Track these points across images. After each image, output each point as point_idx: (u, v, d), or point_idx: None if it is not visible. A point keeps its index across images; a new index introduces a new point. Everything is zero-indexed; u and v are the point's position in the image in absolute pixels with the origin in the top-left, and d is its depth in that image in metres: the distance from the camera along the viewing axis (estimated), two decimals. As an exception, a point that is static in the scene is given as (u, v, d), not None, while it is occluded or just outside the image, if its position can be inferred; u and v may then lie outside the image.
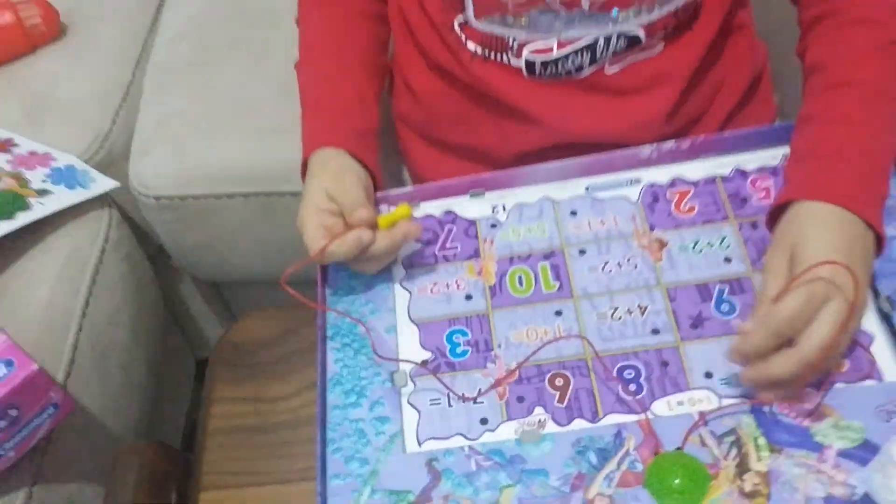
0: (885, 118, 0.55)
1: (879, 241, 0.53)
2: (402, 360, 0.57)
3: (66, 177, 0.80)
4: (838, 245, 0.50)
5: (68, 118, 0.86)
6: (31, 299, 0.72)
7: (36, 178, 0.79)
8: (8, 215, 0.73)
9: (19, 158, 0.81)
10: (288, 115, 0.76)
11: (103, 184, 0.81)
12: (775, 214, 0.55)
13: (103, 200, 0.82)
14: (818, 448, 0.50)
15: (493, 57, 0.63)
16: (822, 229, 0.52)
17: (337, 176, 0.60)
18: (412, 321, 0.59)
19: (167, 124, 0.84)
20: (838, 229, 0.52)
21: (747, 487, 0.49)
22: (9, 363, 0.59)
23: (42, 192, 0.77)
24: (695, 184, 0.63)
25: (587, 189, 0.64)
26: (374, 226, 0.58)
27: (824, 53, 0.57)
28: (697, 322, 0.56)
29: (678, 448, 0.51)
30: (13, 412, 0.59)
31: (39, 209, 0.75)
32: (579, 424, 0.53)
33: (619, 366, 0.55)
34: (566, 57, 0.62)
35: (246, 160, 0.81)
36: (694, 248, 0.60)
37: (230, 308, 1.04)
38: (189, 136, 0.82)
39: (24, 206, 0.75)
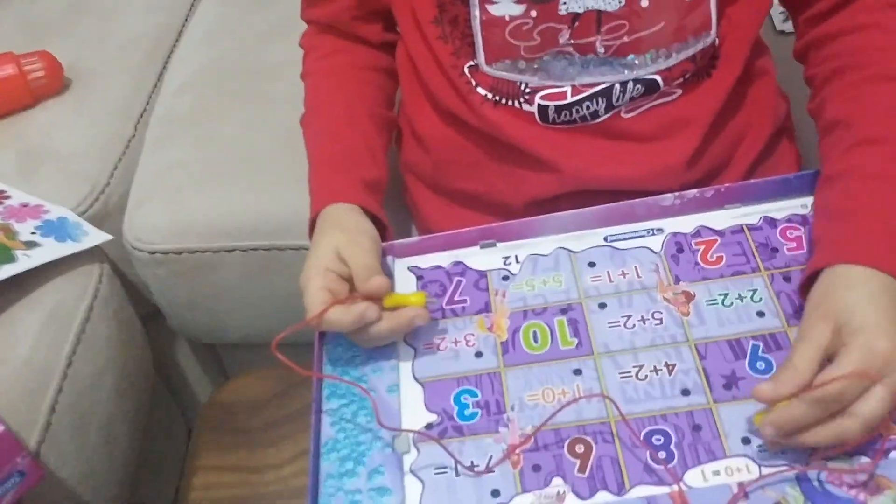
0: None
1: None
2: (405, 430, 0.51)
3: (57, 229, 0.76)
4: (892, 314, 0.46)
5: (65, 170, 0.83)
6: (8, 357, 0.67)
7: (25, 230, 0.75)
8: (-8, 267, 0.69)
9: (10, 210, 0.77)
10: (289, 168, 0.73)
11: (96, 237, 0.77)
12: (810, 279, 0.50)
13: (95, 255, 0.78)
14: (876, 524, 0.44)
15: (504, 102, 0.60)
16: (870, 296, 0.47)
17: (351, 236, 0.56)
18: (416, 380, 0.54)
19: (166, 176, 0.81)
20: (886, 296, 0.47)
21: (797, 570, 0.43)
22: (-28, 423, 0.54)
23: (30, 245, 0.73)
24: (721, 233, 0.58)
25: (606, 239, 0.59)
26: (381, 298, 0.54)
27: (848, 110, 0.54)
28: (731, 381, 0.51)
29: (716, 523, 0.45)
30: (-24, 478, 0.54)
31: (25, 262, 0.71)
32: (604, 497, 0.47)
33: (646, 430, 0.49)
34: (581, 102, 0.58)
35: (245, 213, 0.77)
36: (724, 301, 0.55)
37: (226, 373, 0.99)
38: (187, 189, 0.79)
39: (9, 259, 0.71)
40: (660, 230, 0.59)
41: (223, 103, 0.86)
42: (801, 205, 0.59)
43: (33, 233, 0.75)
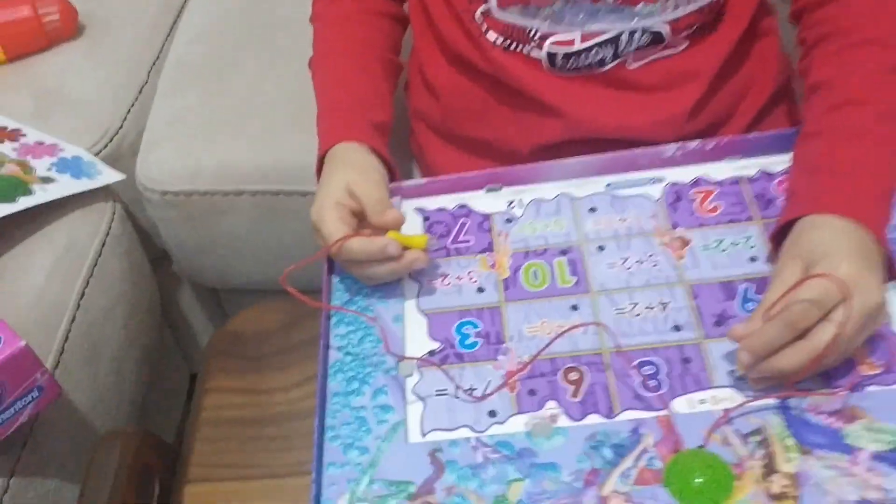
0: (893, 137, 0.53)
1: (890, 264, 0.51)
2: (409, 357, 0.54)
3: (72, 166, 0.78)
4: (855, 254, 0.48)
5: (79, 114, 0.85)
6: (26, 286, 0.70)
7: (41, 166, 0.77)
8: (10, 199, 0.71)
9: (26, 147, 0.79)
10: (297, 117, 0.75)
11: (109, 176, 0.79)
12: (783, 229, 0.53)
13: (108, 194, 0.80)
14: (850, 450, 0.46)
15: (514, 48, 0.62)
16: (840, 241, 0.49)
17: (362, 172, 0.58)
18: (421, 311, 0.57)
19: (178, 122, 0.83)
20: (857, 242, 0.49)
21: (775, 489, 0.45)
22: (-6, 338, 0.56)
23: (46, 180, 0.75)
24: (719, 184, 0.61)
25: (608, 186, 0.62)
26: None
27: (832, 72, 0.56)
28: (721, 320, 0.53)
29: (700, 446, 0.47)
30: (-4, 390, 0.56)
31: (41, 195, 0.73)
32: (594, 419, 0.50)
33: (637, 361, 0.52)
34: (589, 50, 0.60)
35: (254, 159, 0.79)
36: (718, 246, 0.57)
37: (228, 318, 1.01)
38: (199, 134, 0.81)
39: (26, 192, 0.73)
40: (660, 179, 0.62)
41: (234, 54, 0.87)
42: (797, 160, 0.61)
43: (49, 169, 0.77)
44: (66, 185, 0.76)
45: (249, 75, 0.85)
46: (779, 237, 0.53)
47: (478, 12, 0.62)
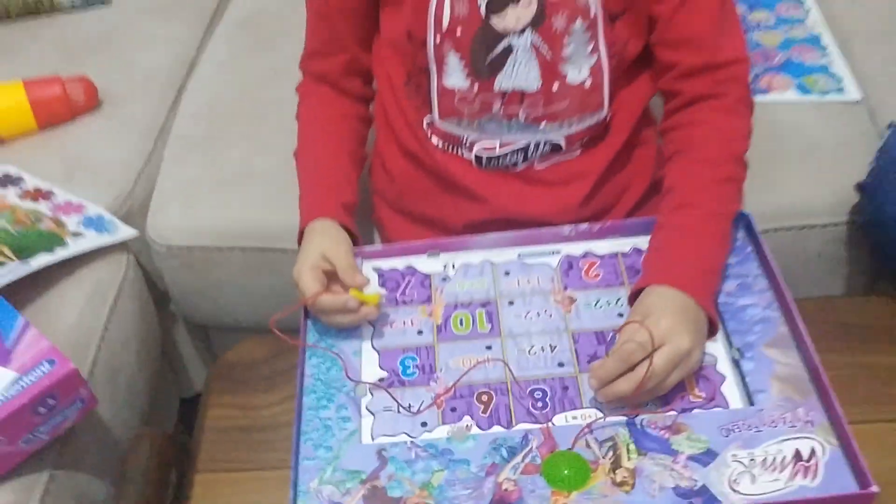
0: (717, 231, 0.74)
1: (712, 322, 0.71)
2: (363, 382, 0.73)
3: (96, 223, 0.96)
4: (676, 314, 0.68)
5: (99, 177, 1.02)
6: (61, 320, 0.87)
7: (71, 222, 0.95)
8: (49, 250, 0.89)
9: (58, 206, 0.97)
10: (283, 185, 0.93)
11: (125, 232, 0.97)
12: (635, 294, 0.73)
13: (123, 247, 0.97)
14: (674, 453, 0.66)
15: (451, 149, 0.82)
16: (666, 304, 0.69)
17: (334, 243, 0.77)
18: (374, 348, 0.76)
19: (182, 187, 1.01)
20: (679, 304, 0.69)
21: (618, 479, 0.65)
22: (51, 361, 0.74)
23: (76, 234, 0.93)
24: (601, 257, 0.81)
25: (519, 256, 0.82)
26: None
27: (676, 181, 0.77)
28: (593, 359, 0.73)
29: (569, 448, 0.67)
30: (51, 401, 0.73)
31: (73, 247, 0.91)
32: (497, 429, 0.69)
33: (530, 388, 0.71)
34: (506, 154, 0.81)
35: (246, 220, 0.98)
36: (596, 304, 0.77)
37: (214, 352, 1.19)
38: (200, 198, 1.00)
39: (62, 244, 0.90)
40: (558, 252, 0.82)
41: (228, 129, 1.06)
42: (661, 239, 0.82)
43: (78, 225, 0.95)
44: (92, 240, 0.94)
45: (241, 149, 1.04)
46: (633, 300, 0.73)
47: (424, 121, 0.82)
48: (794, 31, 1.10)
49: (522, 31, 0.74)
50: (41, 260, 0.88)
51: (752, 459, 0.64)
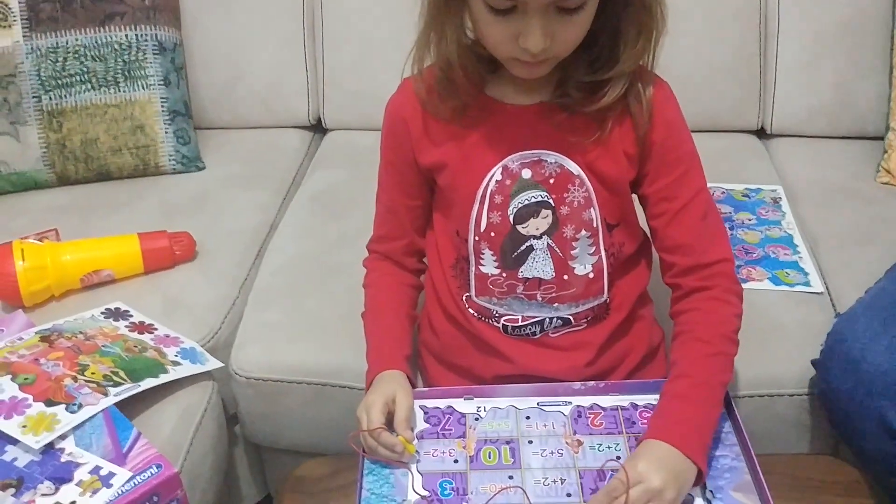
0: (708, 398, 0.92)
1: (701, 473, 0.88)
2: (410, 499, 0.91)
3: (190, 355, 1.16)
4: (655, 461, 0.85)
5: (192, 316, 1.24)
6: (157, 435, 1.05)
7: (170, 353, 1.15)
8: (154, 375, 1.09)
9: (159, 338, 1.18)
10: (344, 333, 1.14)
11: (213, 363, 1.17)
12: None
13: (209, 375, 1.18)
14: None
15: (483, 319, 1.03)
16: (651, 452, 0.87)
17: (404, 394, 0.95)
18: (419, 472, 0.94)
19: (261, 329, 1.22)
20: (662, 454, 0.86)
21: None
22: (159, 466, 0.93)
23: (174, 363, 1.13)
24: (605, 409, 1.00)
25: (538, 404, 1.01)
26: None
27: (677, 356, 0.96)
28: (594, 492, 0.90)
29: (573, 562, 0.83)
30: (155, 499, 0.92)
31: (173, 374, 1.11)
32: (515, 544, 0.86)
33: (544, 513, 0.89)
34: (526, 325, 1.02)
35: (312, 359, 1.18)
36: (598, 448, 0.95)
37: (265, 474, 1.37)
38: (275, 339, 1.20)
39: (164, 371, 1.11)
40: (569, 402, 1.01)
41: (303, 284, 1.28)
42: (655, 399, 1.00)
43: (175, 355, 1.15)
44: (186, 368, 1.14)
45: (312, 301, 1.25)
46: None
47: (464, 296, 1.04)
48: (772, 231, 1.33)
49: (541, 236, 0.97)
50: (148, 383, 1.08)
51: (718, 580, 0.81)
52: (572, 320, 1.02)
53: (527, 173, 0.96)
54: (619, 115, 0.93)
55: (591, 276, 1.00)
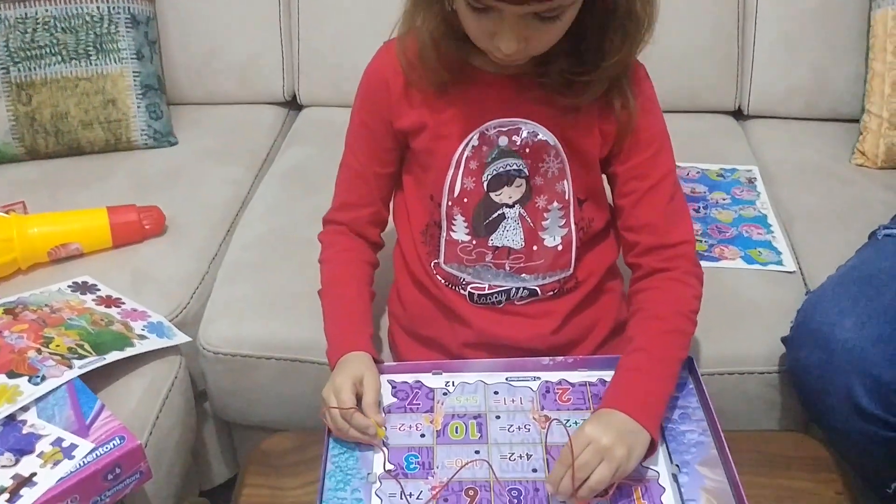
0: (662, 373, 0.92)
1: (653, 443, 0.88)
2: (375, 472, 0.90)
3: (157, 329, 1.15)
4: (615, 432, 0.84)
5: (161, 290, 1.22)
6: (121, 409, 1.03)
7: (137, 326, 1.14)
8: (120, 348, 1.07)
9: (125, 312, 1.16)
10: (315, 308, 1.12)
11: (180, 338, 1.16)
12: None
13: (176, 350, 1.16)
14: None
15: (451, 287, 1.02)
16: (601, 419, 0.87)
17: (372, 375, 0.93)
18: (385, 446, 0.93)
19: (230, 303, 1.21)
20: (612, 420, 0.86)
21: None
22: (122, 437, 0.92)
23: (141, 337, 1.12)
24: (573, 385, 0.99)
25: (506, 379, 1.00)
26: None
27: (634, 332, 0.96)
28: (561, 466, 0.90)
29: (536, 535, 0.83)
30: (118, 470, 0.90)
31: (139, 347, 1.09)
32: (479, 518, 0.86)
33: (509, 487, 0.88)
34: (492, 294, 1.01)
35: (281, 334, 1.17)
36: (567, 423, 0.95)
37: (235, 449, 1.36)
38: (244, 314, 1.19)
39: (130, 345, 1.09)
40: (538, 378, 1.00)
41: (273, 259, 1.27)
42: (623, 374, 1.00)
43: (142, 329, 1.14)
44: (153, 342, 1.12)
45: (282, 276, 1.24)
46: None
47: (432, 262, 1.03)
48: (746, 210, 1.33)
49: (513, 204, 0.97)
50: (114, 356, 1.06)
51: (680, 552, 0.81)
52: (539, 292, 1.01)
53: (503, 141, 0.95)
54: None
55: (560, 248, 0.99)
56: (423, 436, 0.94)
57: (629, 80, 0.94)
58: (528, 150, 0.95)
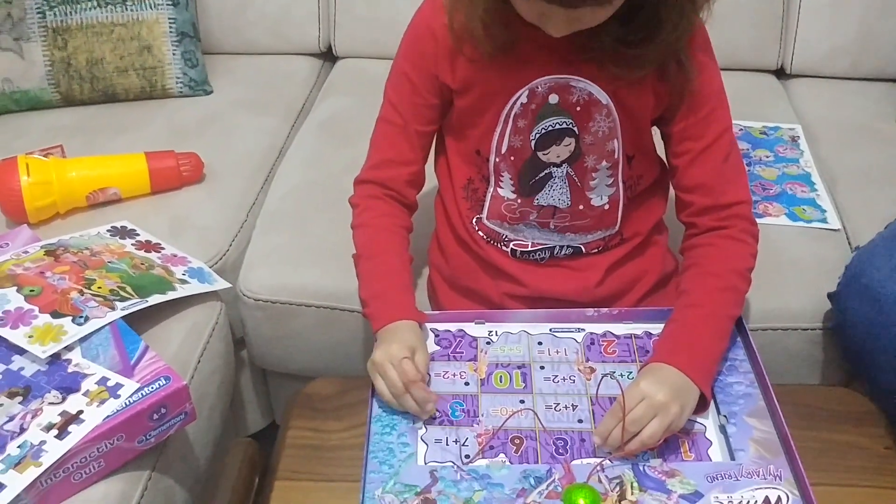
0: (717, 329, 0.91)
1: (704, 399, 0.87)
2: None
3: (198, 274, 1.15)
4: (659, 381, 0.85)
5: (199, 237, 1.22)
6: (163, 352, 1.04)
7: (178, 271, 1.14)
8: (162, 292, 1.07)
9: (166, 257, 1.16)
10: (351, 258, 1.12)
11: (221, 284, 1.16)
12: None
13: (216, 295, 1.16)
14: (668, 492, 0.82)
15: (493, 243, 1.02)
16: (656, 374, 0.86)
17: (423, 348, 0.91)
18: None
19: (269, 252, 1.21)
20: (666, 376, 0.86)
21: (622, 509, 0.81)
22: (167, 378, 0.92)
23: (182, 281, 1.12)
24: (618, 337, 0.99)
25: (550, 330, 1.00)
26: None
27: (689, 286, 0.94)
28: (607, 416, 0.90)
29: (584, 482, 0.83)
30: (163, 410, 0.91)
31: (180, 291, 1.09)
32: (524, 465, 0.85)
33: (555, 437, 0.88)
34: (535, 251, 1.01)
35: (320, 282, 1.17)
36: (611, 375, 0.95)
37: (271, 397, 1.37)
38: (283, 262, 1.19)
39: (172, 288, 1.09)
40: (582, 329, 1.00)
41: (310, 209, 1.26)
42: (668, 327, 0.99)
43: (183, 274, 1.14)
44: (194, 287, 1.12)
45: (319, 225, 1.24)
46: None
47: (475, 218, 1.02)
48: (790, 168, 1.31)
49: (561, 164, 0.95)
50: (155, 299, 1.06)
51: (730, 502, 0.80)
52: (583, 249, 1.00)
53: (554, 98, 0.93)
54: None
55: (607, 207, 0.98)
56: (467, 384, 0.94)
57: (687, 44, 0.90)
58: (578, 109, 0.93)
